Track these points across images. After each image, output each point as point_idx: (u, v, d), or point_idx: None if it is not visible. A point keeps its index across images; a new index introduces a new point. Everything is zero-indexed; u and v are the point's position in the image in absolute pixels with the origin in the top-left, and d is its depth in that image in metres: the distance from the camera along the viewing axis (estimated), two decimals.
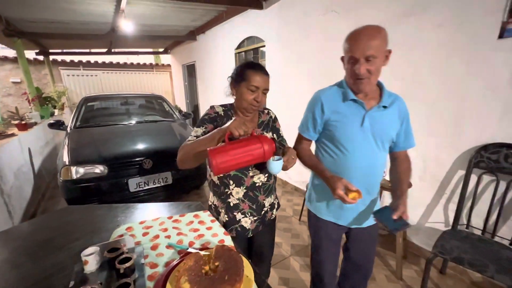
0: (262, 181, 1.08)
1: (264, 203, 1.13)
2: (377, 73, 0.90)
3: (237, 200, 1.07)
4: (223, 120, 1.05)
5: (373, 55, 0.85)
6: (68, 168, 2.14)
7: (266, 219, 1.16)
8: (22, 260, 0.82)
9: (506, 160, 1.42)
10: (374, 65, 0.87)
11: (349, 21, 2.17)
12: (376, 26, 0.87)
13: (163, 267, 0.79)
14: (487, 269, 1.24)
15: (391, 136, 1.00)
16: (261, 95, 1.00)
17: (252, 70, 0.99)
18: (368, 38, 0.85)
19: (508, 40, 1.36)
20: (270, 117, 1.17)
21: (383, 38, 0.86)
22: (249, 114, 1.06)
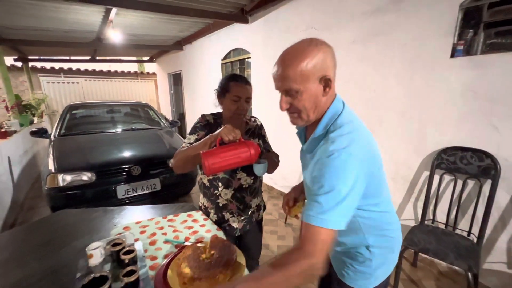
0: (248, 183, 1.17)
1: (251, 204, 1.22)
2: (309, 107, 0.68)
3: (225, 201, 1.16)
4: (213, 128, 1.14)
5: (291, 89, 0.66)
6: (54, 175, 2.13)
7: (253, 219, 1.25)
8: (27, 259, 0.87)
9: (461, 161, 1.63)
10: (299, 100, 0.67)
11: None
12: (304, 46, 0.65)
13: (162, 259, 0.88)
14: (447, 257, 1.42)
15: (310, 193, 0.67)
16: (244, 103, 1.10)
17: (233, 82, 1.09)
18: (284, 65, 0.65)
19: (458, 59, 1.60)
20: (257, 124, 1.27)
21: (311, 62, 0.63)
22: (235, 122, 1.14)
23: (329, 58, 0.66)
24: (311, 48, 0.64)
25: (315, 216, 0.59)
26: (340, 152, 0.60)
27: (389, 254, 0.84)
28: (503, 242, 1.55)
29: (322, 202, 0.59)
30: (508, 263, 1.55)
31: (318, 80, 0.65)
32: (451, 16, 1.60)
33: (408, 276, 1.82)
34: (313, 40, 0.66)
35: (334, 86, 0.70)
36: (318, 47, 0.64)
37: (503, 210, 1.53)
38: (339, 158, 0.60)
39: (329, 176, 0.60)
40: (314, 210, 0.59)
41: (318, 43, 0.66)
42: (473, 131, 1.60)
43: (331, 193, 0.59)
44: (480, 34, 1.54)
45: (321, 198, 0.59)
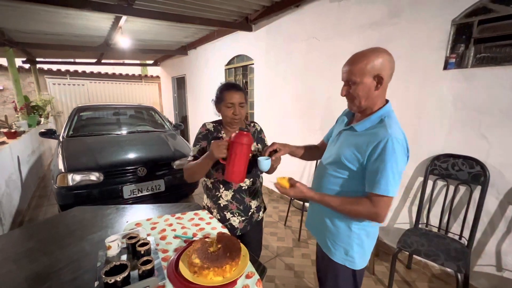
0: (247, 185, 1.25)
1: (251, 205, 1.28)
2: (362, 96, 0.88)
3: (226, 201, 1.24)
4: (214, 135, 1.26)
5: (351, 80, 0.87)
6: (64, 175, 2.22)
7: (253, 220, 1.31)
8: (51, 248, 0.96)
9: (453, 168, 1.72)
10: (355, 89, 0.88)
11: (327, 48, 2.49)
12: (368, 52, 0.86)
13: (173, 252, 0.96)
14: (438, 258, 1.50)
15: (343, 160, 0.92)
16: (238, 109, 1.18)
17: (226, 91, 1.18)
18: (349, 62, 0.88)
19: (450, 72, 1.70)
20: (256, 129, 1.33)
21: (369, 62, 0.83)
22: (234, 127, 1.24)
23: (386, 63, 0.85)
24: (372, 53, 0.85)
25: (384, 187, 0.82)
26: (397, 143, 0.82)
27: (366, 239, 0.98)
28: (492, 245, 1.63)
29: (388, 178, 0.82)
30: (497, 265, 1.62)
31: (372, 77, 0.85)
32: (444, 31, 1.71)
33: (402, 278, 1.89)
34: (376, 49, 0.87)
35: (386, 86, 0.90)
36: (378, 54, 0.85)
37: (492, 215, 1.62)
38: (398, 148, 0.82)
39: (391, 157, 0.81)
40: (383, 181, 0.82)
41: (380, 51, 0.86)
42: (464, 140, 1.69)
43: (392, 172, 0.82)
44: (471, 49, 1.64)
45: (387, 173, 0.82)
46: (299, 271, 1.96)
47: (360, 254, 0.99)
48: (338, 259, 1.00)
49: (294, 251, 2.21)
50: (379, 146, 0.82)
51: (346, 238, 0.98)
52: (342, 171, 0.94)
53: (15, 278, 0.81)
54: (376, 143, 0.83)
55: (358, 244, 0.97)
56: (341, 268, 1.01)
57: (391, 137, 0.81)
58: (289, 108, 3.08)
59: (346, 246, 0.98)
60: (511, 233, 1.55)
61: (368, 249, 1.01)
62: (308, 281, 1.86)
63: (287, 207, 2.85)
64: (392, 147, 0.81)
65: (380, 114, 0.90)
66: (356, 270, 1.00)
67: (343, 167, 0.93)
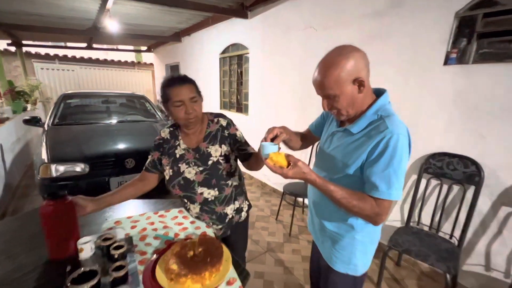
0: (214, 195, 1.08)
1: (226, 211, 1.11)
2: (347, 106, 0.79)
3: (196, 214, 1.13)
4: (170, 143, 1.11)
5: (329, 94, 0.78)
6: (47, 166, 2.13)
7: (233, 223, 1.16)
8: (16, 250, 0.89)
9: (448, 167, 1.68)
10: (337, 102, 0.78)
11: (326, 38, 2.39)
12: (335, 56, 0.75)
13: (151, 254, 0.90)
14: (429, 258, 1.48)
15: (341, 165, 0.84)
16: (190, 105, 0.98)
17: (169, 88, 0.99)
18: (321, 76, 0.77)
19: (451, 67, 1.63)
20: (221, 125, 1.11)
21: (342, 70, 0.73)
22: (192, 128, 1.07)
23: (359, 61, 0.75)
24: (340, 58, 0.74)
25: (387, 191, 0.74)
26: (402, 139, 0.74)
27: (370, 245, 0.93)
28: (483, 246, 1.62)
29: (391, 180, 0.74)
30: (486, 265, 1.62)
31: (352, 83, 0.76)
32: (447, 23, 1.62)
33: (391, 275, 1.89)
34: (342, 49, 0.76)
35: (368, 83, 0.80)
36: (347, 56, 0.74)
37: (484, 215, 1.60)
38: (402, 144, 0.74)
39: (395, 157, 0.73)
40: (384, 184, 0.74)
41: (348, 51, 0.75)
42: (461, 138, 1.64)
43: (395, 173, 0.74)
44: (473, 44, 1.56)
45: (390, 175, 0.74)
46: (289, 267, 1.94)
47: (363, 261, 0.94)
48: (340, 268, 0.94)
49: (285, 247, 2.19)
50: (379, 144, 0.75)
51: (349, 247, 0.92)
52: (341, 176, 0.86)
53: None
54: (376, 142, 0.75)
55: (361, 251, 0.92)
56: (343, 277, 0.95)
57: (393, 134, 0.73)
58: (285, 99, 2.99)
59: (349, 254, 0.92)
60: (502, 234, 1.54)
61: (371, 254, 0.96)
62: (297, 277, 1.85)
63: (279, 201, 2.82)
64: (394, 146, 0.73)
65: (374, 109, 0.81)
66: (358, 276, 0.95)
67: (342, 173, 0.85)
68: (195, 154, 1.08)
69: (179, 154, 1.10)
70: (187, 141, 1.11)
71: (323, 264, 1.01)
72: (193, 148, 1.09)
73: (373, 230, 0.91)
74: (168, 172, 1.10)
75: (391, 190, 0.74)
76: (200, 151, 1.08)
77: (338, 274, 0.95)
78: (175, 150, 1.11)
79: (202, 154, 1.08)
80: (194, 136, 1.11)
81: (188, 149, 1.09)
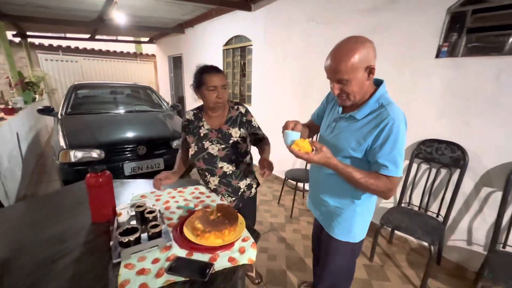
0: (231, 170, 1.27)
1: (239, 185, 1.31)
2: (357, 91, 0.87)
3: (214, 185, 1.30)
4: (194, 124, 1.28)
5: (343, 79, 0.84)
6: (66, 151, 2.28)
7: (244, 197, 1.36)
8: (63, 216, 1.06)
9: (437, 152, 1.84)
10: (349, 86, 0.85)
11: (327, 31, 2.50)
12: (352, 44, 0.82)
13: (177, 220, 1.07)
14: (416, 233, 1.65)
15: (346, 149, 0.93)
16: (221, 91, 1.16)
17: (207, 74, 1.15)
18: (337, 61, 0.83)
19: (442, 60, 1.77)
20: (240, 112, 1.29)
21: (359, 57, 0.80)
22: (218, 111, 1.25)
23: (372, 51, 0.83)
24: (357, 45, 0.81)
25: (395, 169, 0.86)
26: (401, 124, 0.84)
27: (367, 216, 1.08)
28: (465, 222, 1.79)
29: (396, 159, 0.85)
30: (468, 240, 1.80)
31: (364, 70, 0.84)
32: (439, 19, 1.75)
33: (383, 251, 2.08)
34: (359, 38, 0.83)
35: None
36: (364, 44, 0.82)
37: (467, 195, 1.76)
38: (402, 128, 0.85)
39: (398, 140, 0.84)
40: (393, 164, 0.85)
41: (363, 41, 0.83)
42: (449, 126, 1.79)
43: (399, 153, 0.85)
44: (463, 38, 1.69)
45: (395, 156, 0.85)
46: (290, 244, 2.13)
47: (362, 229, 1.07)
48: (341, 237, 1.07)
49: (286, 227, 2.38)
50: (384, 130, 0.84)
51: (350, 218, 1.03)
52: (345, 159, 0.94)
53: (39, 238, 0.91)
54: (380, 128, 0.84)
55: (360, 221, 1.05)
56: (343, 244, 1.08)
57: (394, 121, 0.83)
58: (287, 90, 3.12)
59: (349, 225, 1.04)
60: (482, 212, 1.71)
61: (368, 222, 1.09)
62: (298, 252, 2.04)
63: (280, 187, 3.00)
64: (396, 130, 0.83)
65: (376, 97, 0.90)
66: (356, 243, 1.09)
67: (347, 156, 0.94)
68: (217, 134, 1.25)
69: (203, 133, 1.26)
70: (210, 122, 1.28)
71: (324, 235, 1.14)
72: (216, 129, 1.26)
73: (370, 203, 1.05)
74: (194, 148, 1.27)
75: (398, 169, 0.86)
76: (222, 132, 1.26)
77: (339, 242, 1.08)
78: (199, 130, 1.27)
79: (224, 134, 1.25)
80: (216, 119, 1.28)
81: (211, 129, 1.26)
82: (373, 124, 0.87)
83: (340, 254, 1.12)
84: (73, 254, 0.84)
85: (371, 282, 1.74)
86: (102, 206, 1.04)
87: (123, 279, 0.73)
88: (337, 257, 1.13)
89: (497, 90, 1.55)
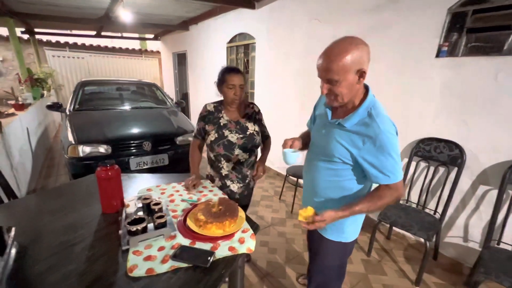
0: (245, 158, 1.43)
1: (247, 174, 1.49)
2: (345, 93, 0.86)
3: (227, 171, 1.44)
4: (214, 115, 1.42)
5: (333, 79, 0.83)
6: (75, 146, 2.37)
7: (250, 186, 1.54)
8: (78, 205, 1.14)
9: (435, 150, 1.87)
10: (338, 87, 0.84)
11: (329, 30, 2.53)
12: (346, 44, 0.80)
13: (181, 212, 1.14)
14: (412, 228, 1.70)
15: (335, 155, 0.94)
16: (239, 90, 1.33)
17: (228, 73, 1.33)
18: (329, 60, 0.81)
19: (441, 59, 1.79)
20: (254, 111, 1.50)
21: (351, 58, 0.79)
22: (234, 106, 1.40)
23: (365, 54, 0.82)
24: (351, 46, 0.79)
25: (395, 175, 0.88)
26: (390, 133, 0.86)
27: (359, 217, 1.07)
28: (462, 219, 1.83)
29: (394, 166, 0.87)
30: (464, 237, 1.84)
31: (355, 72, 0.82)
32: (440, 18, 1.77)
33: (381, 246, 2.13)
34: (353, 39, 0.82)
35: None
36: (357, 46, 0.80)
37: (464, 193, 1.80)
38: (394, 137, 0.87)
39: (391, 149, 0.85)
40: (392, 171, 0.88)
41: (358, 42, 0.81)
42: (447, 124, 1.82)
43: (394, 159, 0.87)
44: (463, 38, 1.71)
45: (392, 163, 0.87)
46: (290, 238, 2.20)
47: (354, 229, 1.08)
48: (333, 237, 1.07)
49: (287, 222, 2.44)
50: (376, 141, 0.85)
51: (342, 219, 0.98)
52: (336, 164, 0.96)
53: (54, 226, 0.98)
54: (372, 139, 0.85)
55: (352, 222, 1.04)
56: (335, 244, 1.08)
57: (383, 132, 0.84)
58: (289, 88, 3.16)
59: (341, 225, 1.03)
60: (478, 209, 1.74)
61: (361, 222, 1.10)
62: (297, 246, 2.10)
63: (282, 183, 3.05)
64: (387, 140, 0.84)
65: (366, 106, 0.89)
66: (348, 243, 1.09)
67: (336, 161, 0.95)
68: (236, 125, 1.42)
69: (223, 123, 1.41)
70: (229, 115, 1.44)
71: (316, 235, 1.13)
72: (235, 121, 1.43)
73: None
74: (214, 135, 1.40)
75: (398, 174, 0.88)
76: (240, 124, 1.43)
77: (331, 242, 1.08)
78: (219, 120, 1.42)
79: (242, 126, 1.43)
80: (234, 113, 1.44)
81: (230, 121, 1.42)
82: (363, 133, 0.88)
83: (332, 254, 1.12)
84: (86, 241, 0.91)
85: (368, 276, 1.80)
86: (111, 197, 1.11)
87: (132, 264, 0.80)
88: (328, 256, 1.13)
89: (495, 89, 1.57)
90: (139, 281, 0.74)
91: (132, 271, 0.77)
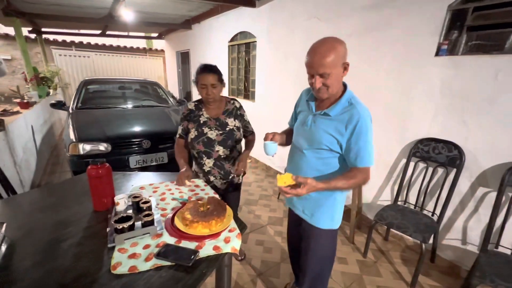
0: (226, 154, 1.46)
1: (230, 170, 1.51)
2: (335, 84, 0.99)
3: (209, 167, 1.48)
4: (195, 113, 1.47)
5: (326, 73, 0.95)
6: (75, 144, 2.42)
7: (234, 183, 1.56)
8: (70, 203, 1.16)
9: (434, 151, 1.84)
10: (329, 79, 0.96)
11: (329, 28, 2.50)
12: (332, 42, 0.94)
13: (170, 210, 1.15)
14: (408, 230, 1.68)
15: (323, 144, 1.04)
16: (210, 89, 1.36)
17: (200, 74, 1.37)
18: (321, 56, 0.93)
19: (441, 58, 1.75)
20: (235, 106, 1.52)
21: (338, 54, 0.93)
22: (211, 104, 1.45)
23: (346, 50, 0.97)
24: (337, 44, 0.94)
25: (369, 160, 1.00)
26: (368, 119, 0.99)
27: (343, 202, 1.20)
28: (461, 221, 1.80)
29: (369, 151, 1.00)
30: (462, 239, 1.80)
31: (341, 66, 0.97)
32: (440, 16, 1.72)
33: (378, 247, 2.11)
34: (336, 38, 0.97)
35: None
36: (341, 43, 0.96)
37: (463, 195, 1.76)
38: (369, 123, 1.00)
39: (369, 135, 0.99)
40: (367, 156, 1.00)
41: (340, 41, 0.96)
42: (446, 125, 1.78)
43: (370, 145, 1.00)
44: (463, 36, 1.67)
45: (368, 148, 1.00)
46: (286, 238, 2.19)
47: (340, 215, 1.20)
48: (324, 225, 1.17)
49: (284, 221, 2.44)
50: (356, 127, 0.98)
51: (331, 206, 1.15)
52: (322, 153, 1.07)
53: (44, 224, 1.00)
54: (353, 125, 0.98)
55: (339, 208, 1.18)
56: (326, 232, 1.19)
57: (363, 117, 0.98)
58: (288, 86, 3.14)
59: (332, 212, 1.16)
60: (477, 212, 1.71)
61: (343, 209, 1.21)
62: None
63: None
64: (365, 125, 0.98)
65: (347, 97, 1.04)
66: (336, 229, 1.20)
67: (323, 149, 1.06)
68: (215, 122, 1.45)
69: (203, 121, 1.45)
70: (209, 112, 1.48)
71: (305, 227, 1.22)
72: (214, 118, 1.46)
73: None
74: (194, 133, 1.45)
75: (371, 159, 1.01)
76: (219, 120, 1.46)
77: (322, 231, 1.18)
78: (199, 118, 1.46)
79: (221, 123, 1.46)
80: (214, 110, 1.48)
81: (210, 118, 1.46)
82: (345, 120, 1.00)
83: (326, 242, 1.23)
84: (75, 238, 0.92)
85: (362, 277, 1.78)
86: (102, 195, 1.12)
87: (116, 261, 0.81)
88: (324, 246, 1.23)
89: (495, 89, 1.53)
90: (121, 278, 0.75)
91: (116, 269, 0.78)
